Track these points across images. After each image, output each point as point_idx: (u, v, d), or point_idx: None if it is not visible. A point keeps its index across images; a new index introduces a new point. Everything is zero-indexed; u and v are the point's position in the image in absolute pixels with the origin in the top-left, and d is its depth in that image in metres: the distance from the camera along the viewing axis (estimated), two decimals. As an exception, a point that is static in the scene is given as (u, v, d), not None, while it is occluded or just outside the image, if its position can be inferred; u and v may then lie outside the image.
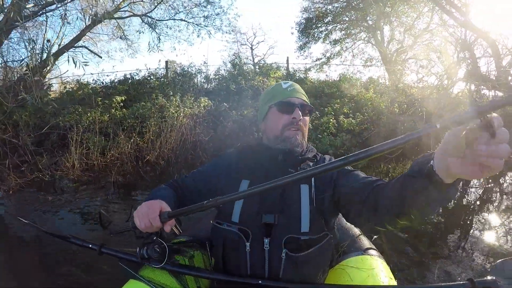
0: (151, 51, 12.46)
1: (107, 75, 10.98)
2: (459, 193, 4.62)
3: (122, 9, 11.17)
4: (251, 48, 26.89)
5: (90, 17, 8.34)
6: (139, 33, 11.75)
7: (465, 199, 4.81)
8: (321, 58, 14.52)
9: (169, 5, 12.21)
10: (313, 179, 1.39)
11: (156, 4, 11.63)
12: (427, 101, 7.32)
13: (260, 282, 1.26)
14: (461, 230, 3.77)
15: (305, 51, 15.10)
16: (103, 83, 10.58)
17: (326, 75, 13.02)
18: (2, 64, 8.58)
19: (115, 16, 11.13)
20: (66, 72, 11.16)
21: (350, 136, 7.53)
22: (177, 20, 12.92)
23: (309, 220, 1.32)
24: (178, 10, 12.60)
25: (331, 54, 14.22)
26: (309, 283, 1.36)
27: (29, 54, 6.77)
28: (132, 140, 6.89)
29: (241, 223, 1.35)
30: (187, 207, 1.13)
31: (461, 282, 1.15)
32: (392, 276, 1.56)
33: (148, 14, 11.77)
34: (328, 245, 1.38)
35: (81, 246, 1.48)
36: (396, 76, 9.94)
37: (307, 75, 11.24)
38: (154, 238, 1.27)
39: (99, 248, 1.43)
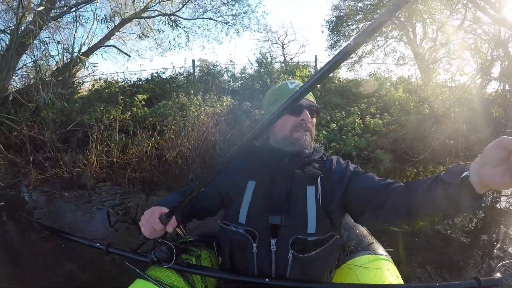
0: (171, 49, 12.54)
1: (135, 74, 11.16)
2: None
3: (150, 9, 11.27)
4: (282, 46, 26.74)
5: (116, 16, 8.42)
6: (159, 32, 11.81)
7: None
8: (352, 57, 14.19)
9: (197, 4, 12.26)
10: (319, 180, 1.38)
11: (184, 3, 11.66)
12: (458, 102, 6.94)
13: (267, 280, 1.27)
14: (467, 230, 3.77)
15: (336, 49, 14.83)
16: (130, 82, 10.75)
17: (355, 74, 12.79)
18: (32, 63, 8.82)
19: (144, 15, 11.24)
20: (96, 70, 11.28)
21: (376, 137, 7.26)
22: (205, 19, 12.97)
23: (316, 221, 1.31)
24: (206, 9, 12.65)
25: (362, 52, 13.92)
26: (316, 282, 1.36)
27: (40, 55, 6.88)
28: (153, 139, 6.94)
29: (247, 224, 1.35)
30: (178, 202, 1.19)
31: (468, 281, 1.17)
32: (399, 275, 1.56)
33: (176, 13, 11.82)
34: (334, 245, 1.38)
35: (88, 246, 1.49)
36: (428, 75, 9.54)
37: (335, 73, 10.94)
38: (159, 240, 1.28)
39: (106, 248, 1.43)
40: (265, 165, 1.47)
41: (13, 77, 8.36)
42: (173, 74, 10.91)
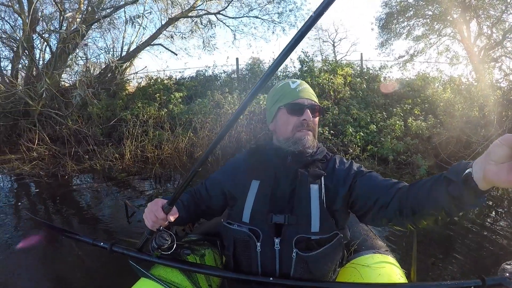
0: (205, 49, 12.65)
1: (179, 72, 11.40)
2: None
3: (197, 8, 11.42)
4: (333, 45, 26.36)
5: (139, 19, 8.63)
6: (192, 32, 11.87)
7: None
8: (403, 56, 13.65)
9: (242, 2, 12.28)
10: (322, 179, 1.40)
11: (228, 1, 11.71)
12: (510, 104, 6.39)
13: (271, 279, 1.29)
14: (473, 229, 3.71)
15: (386, 48, 14.32)
16: (176, 79, 10.97)
17: (402, 73, 12.22)
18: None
19: (190, 15, 11.41)
20: (145, 68, 11.68)
21: (417, 141, 6.85)
22: (251, 17, 12.97)
23: (319, 220, 1.33)
24: (252, 7, 12.68)
25: (414, 51, 13.29)
26: (320, 280, 1.37)
27: (69, 61, 7.23)
28: (187, 136, 7.06)
29: (251, 223, 1.37)
30: (178, 188, 1.19)
31: (472, 280, 1.18)
32: (403, 274, 1.56)
33: (221, 12, 11.91)
34: (338, 244, 1.39)
35: (92, 245, 1.51)
36: (482, 75, 8.87)
37: (381, 72, 10.51)
38: (161, 228, 1.29)
39: (110, 247, 1.45)
40: (268, 164, 1.48)
41: (63, 74, 8.86)
42: (216, 72, 11.09)
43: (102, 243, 1.48)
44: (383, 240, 1.92)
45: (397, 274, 1.51)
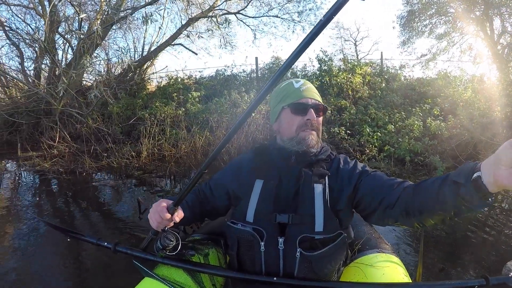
0: (222, 47, 12.75)
1: (199, 71, 11.49)
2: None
3: (217, 8, 11.46)
4: (355, 44, 26.04)
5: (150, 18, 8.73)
6: (210, 31, 11.89)
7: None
8: (426, 54, 13.40)
9: (262, 2, 12.26)
10: (326, 178, 1.40)
11: (248, 1, 11.71)
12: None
13: (275, 279, 1.28)
14: (475, 228, 3.67)
15: (408, 46, 14.06)
16: (196, 79, 11.05)
17: (423, 72, 12.00)
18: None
19: (210, 14, 11.46)
20: (165, 68, 11.85)
21: (435, 142, 6.69)
22: (271, 16, 12.93)
23: (323, 219, 1.32)
24: (271, 6, 12.64)
25: (437, 49, 13.02)
26: (323, 280, 1.36)
27: (84, 61, 7.37)
28: (204, 135, 7.12)
29: (255, 223, 1.37)
30: (184, 189, 1.21)
31: (476, 279, 1.16)
32: (407, 274, 1.54)
33: (241, 12, 11.93)
34: (342, 243, 1.37)
35: (96, 245, 1.51)
36: (506, 74, 8.60)
37: (401, 71, 10.35)
38: (166, 228, 1.29)
39: (114, 247, 1.45)
40: (272, 164, 1.48)
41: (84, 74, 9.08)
42: (236, 72, 11.14)
43: (106, 243, 1.47)
44: (387, 239, 1.88)
45: (401, 274, 1.50)
